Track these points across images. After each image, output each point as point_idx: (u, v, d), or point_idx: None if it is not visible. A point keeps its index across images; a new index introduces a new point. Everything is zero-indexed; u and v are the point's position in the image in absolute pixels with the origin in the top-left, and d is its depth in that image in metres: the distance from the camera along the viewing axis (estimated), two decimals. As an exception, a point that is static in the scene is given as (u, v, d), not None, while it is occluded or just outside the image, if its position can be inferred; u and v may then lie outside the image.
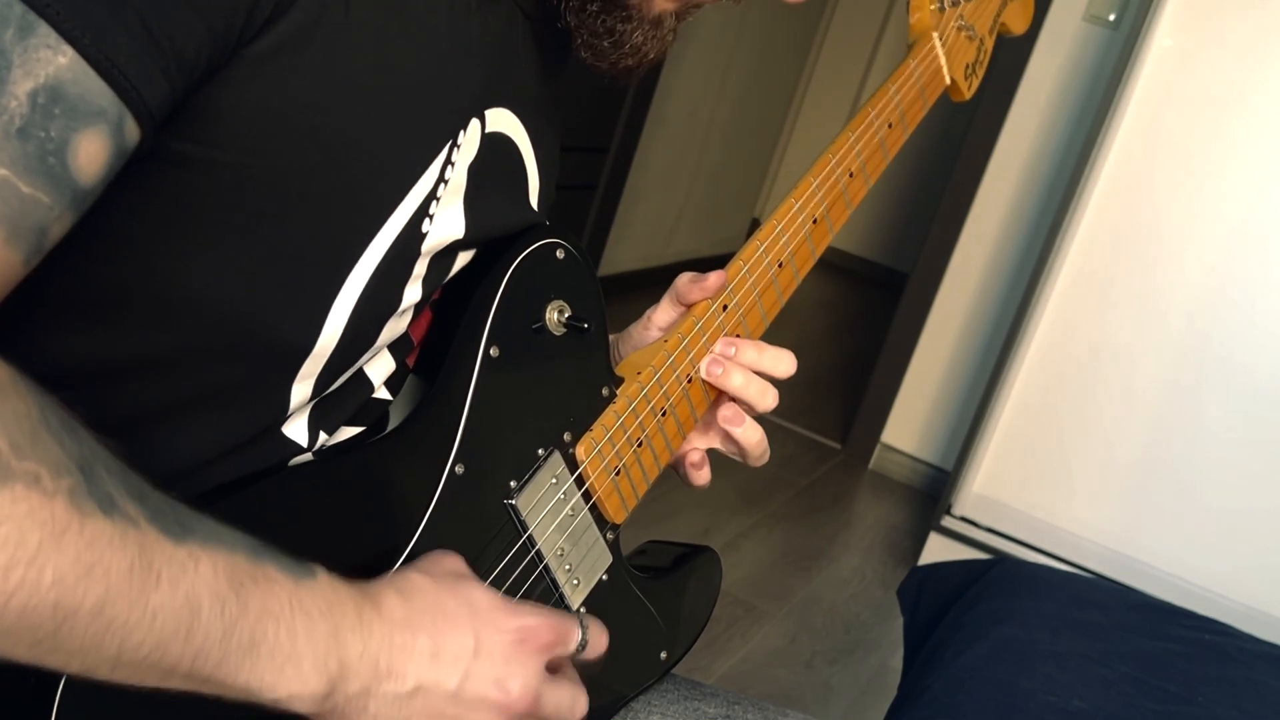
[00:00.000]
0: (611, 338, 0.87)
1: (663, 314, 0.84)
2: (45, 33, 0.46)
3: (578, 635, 0.65)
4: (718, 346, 0.82)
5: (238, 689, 0.51)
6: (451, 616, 0.59)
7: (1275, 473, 2.37)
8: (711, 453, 0.86)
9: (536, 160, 0.75)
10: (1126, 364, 2.46)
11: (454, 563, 0.64)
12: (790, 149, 5.30)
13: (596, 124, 3.44)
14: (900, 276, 3.33)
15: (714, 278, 0.81)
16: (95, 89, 0.47)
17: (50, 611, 0.44)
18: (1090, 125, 2.48)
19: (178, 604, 0.48)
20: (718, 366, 0.81)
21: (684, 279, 0.82)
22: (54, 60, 0.46)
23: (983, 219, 2.98)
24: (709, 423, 0.85)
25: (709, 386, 0.83)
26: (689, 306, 0.82)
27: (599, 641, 0.68)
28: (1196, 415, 2.42)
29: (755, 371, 0.82)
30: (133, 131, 0.49)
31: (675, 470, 0.86)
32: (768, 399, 0.82)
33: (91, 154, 0.48)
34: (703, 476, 0.85)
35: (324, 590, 0.54)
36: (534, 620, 0.63)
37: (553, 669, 0.65)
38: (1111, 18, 2.78)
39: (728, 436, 0.84)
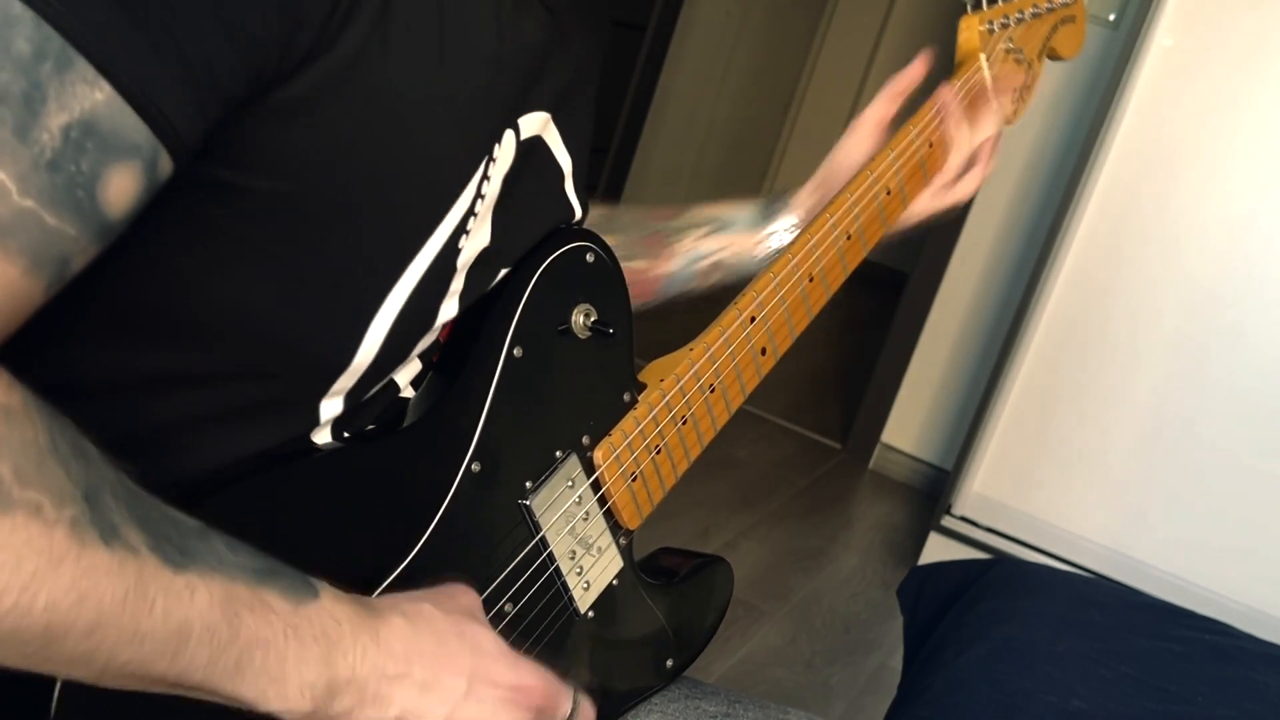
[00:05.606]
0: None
1: (876, 111, 0.97)
2: (83, 67, 0.45)
3: (567, 707, 0.66)
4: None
5: (222, 698, 0.52)
6: (450, 654, 0.59)
7: (1275, 472, 2.38)
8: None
9: (569, 150, 0.75)
10: (1126, 364, 2.47)
11: (468, 599, 0.64)
12: (790, 149, 5.29)
13: (597, 124, 3.43)
14: (900, 276, 3.32)
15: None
16: (130, 125, 0.47)
17: (41, 632, 0.44)
18: (1090, 125, 2.48)
19: (169, 631, 0.48)
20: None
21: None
22: (90, 95, 0.45)
23: (983, 219, 2.98)
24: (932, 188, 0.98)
25: (731, 396, 0.83)
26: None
27: (586, 717, 0.68)
28: (1196, 415, 2.42)
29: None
30: (166, 166, 0.49)
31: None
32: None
33: (122, 188, 0.47)
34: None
35: (324, 613, 0.55)
36: (530, 679, 0.63)
37: None
38: (1111, 18, 2.78)
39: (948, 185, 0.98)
